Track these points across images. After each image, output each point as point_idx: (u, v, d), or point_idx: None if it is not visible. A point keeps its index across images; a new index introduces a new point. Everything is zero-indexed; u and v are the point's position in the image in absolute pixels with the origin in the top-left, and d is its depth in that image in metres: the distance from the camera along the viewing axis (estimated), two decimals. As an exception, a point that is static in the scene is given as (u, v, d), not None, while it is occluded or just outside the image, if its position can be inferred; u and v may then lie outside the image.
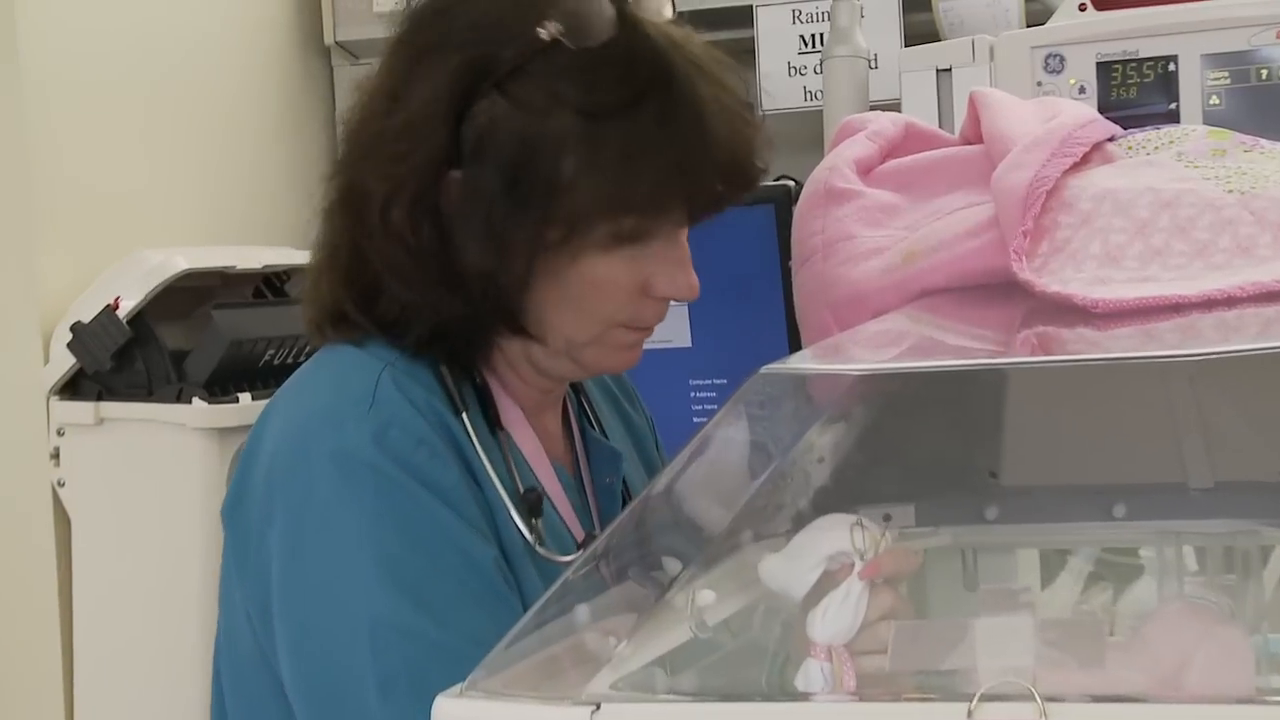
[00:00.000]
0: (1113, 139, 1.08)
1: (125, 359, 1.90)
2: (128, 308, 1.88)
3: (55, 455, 1.93)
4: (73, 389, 1.93)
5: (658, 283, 1.05)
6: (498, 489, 1.03)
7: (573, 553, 1.06)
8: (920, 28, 2.17)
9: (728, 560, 0.83)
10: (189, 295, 1.99)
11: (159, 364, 1.90)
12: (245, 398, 1.89)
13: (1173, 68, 1.65)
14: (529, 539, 1.03)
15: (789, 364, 0.81)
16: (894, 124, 1.19)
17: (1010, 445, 0.96)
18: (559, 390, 1.15)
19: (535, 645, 0.71)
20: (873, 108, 1.74)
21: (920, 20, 2.17)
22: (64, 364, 1.90)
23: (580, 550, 1.07)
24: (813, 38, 2.25)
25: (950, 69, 1.74)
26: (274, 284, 2.08)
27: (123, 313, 1.87)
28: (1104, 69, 1.68)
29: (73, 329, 1.89)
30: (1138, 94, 1.66)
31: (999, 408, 0.93)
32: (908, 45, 2.10)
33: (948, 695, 0.64)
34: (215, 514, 1.08)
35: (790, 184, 1.82)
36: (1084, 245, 0.95)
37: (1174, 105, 1.65)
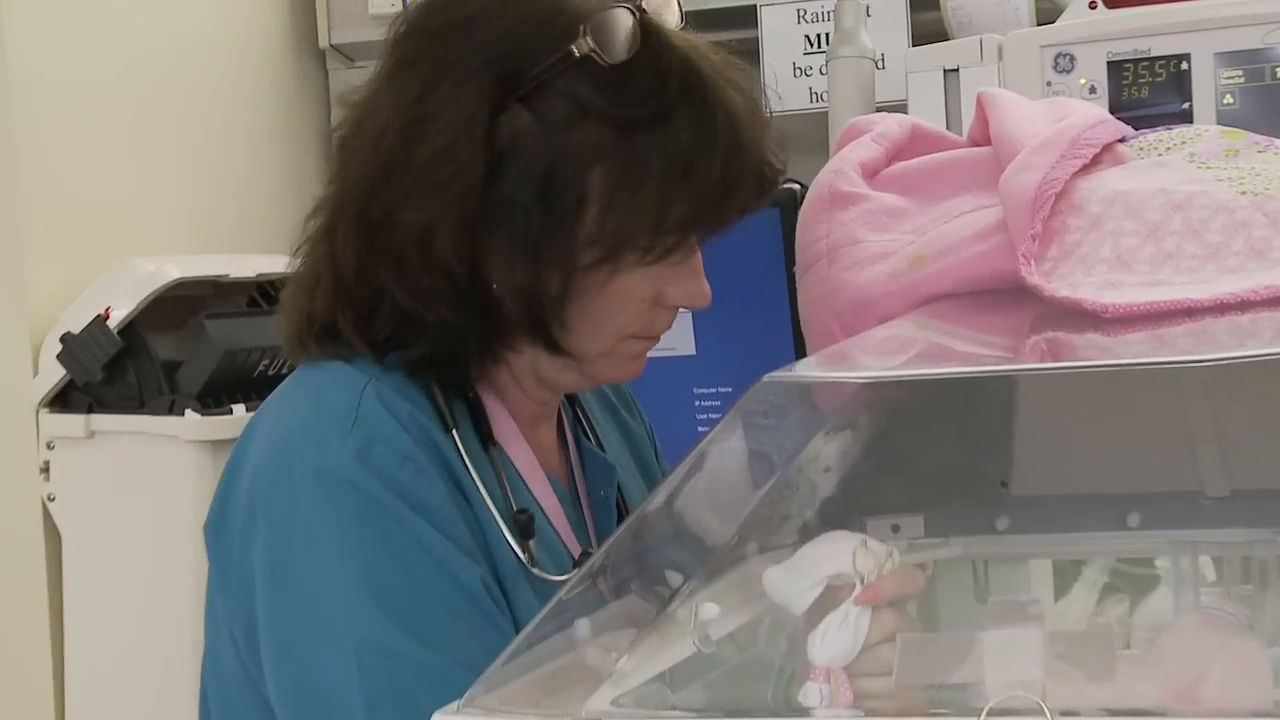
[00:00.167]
0: (1124, 140, 1.08)
1: (116, 370, 1.90)
2: (119, 318, 1.88)
3: (45, 469, 1.93)
4: (63, 401, 1.94)
5: (672, 292, 1.06)
6: (489, 507, 1.03)
7: (569, 570, 1.06)
8: (928, 26, 2.17)
9: (731, 573, 0.83)
10: (181, 305, 1.99)
11: (151, 375, 1.91)
12: (239, 409, 1.89)
13: (1185, 66, 1.65)
14: (522, 560, 1.03)
15: (792, 372, 0.81)
16: (900, 126, 1.19)
17: (1021, 454, 0.96)
18: (555, 401, 1.15)
19: (534, 661, 0.71)
20: (879, 109, 1.74)
21: (928, 19, 2.17)
22: (54, 376, 1.91)
23: (576, 568, 1.07)
24: (818, 38, 2.25)
25: (958, 69, 1.74)
26: (268, 293, 2.09)
27: (113, 323, 1.88)
28: (1115, 68, 1.68)
29: (62, 340, 1.89)
30: (1149, 94, 1.66)
31: (1009, 415, 0.93)
32: (915, 44, 2.11)
33: (955, 709, 0.64)
34: (207, 530, 1.09)
35: (796, 187, 1.81)
36: (1094, 249, 0.95)
37: (1187, 105, 1.65)
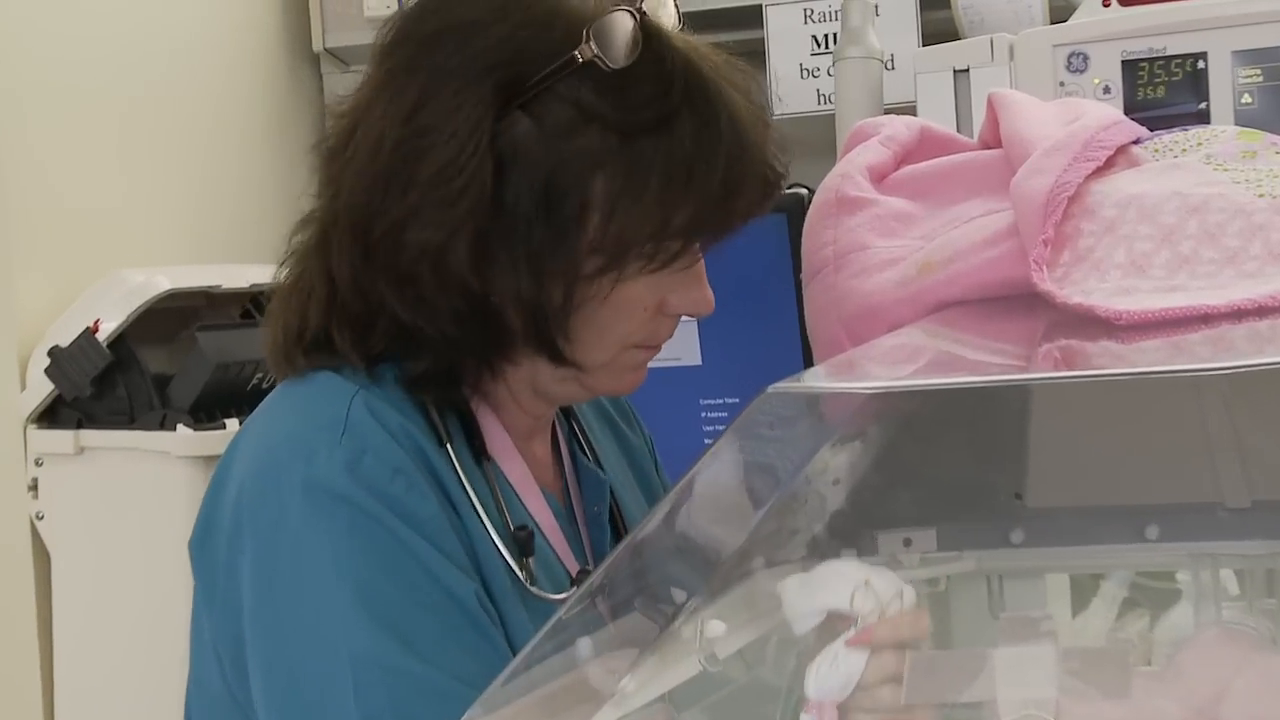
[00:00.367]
0: (1138, 141, 1.08)
1: (106, 384, 1.91)
2: (108, 330, 1.89)
3: (33, 486, 1.94)
4: (51, 417, 1.94)
5: (675, 300, 1.06)
6: (483, 523, 1.03)
7: (566, 588, 1.07)
8: (939, 25, 2.18)
9: (737, 589, 0.83)
10: (172, 317, 2.00)
11: (141, 389, 1.91)
12: (232, 424, 1.89)
13: (1202, 65, 1.65)
14: (520, 578, 1.03)
15: (797, 382, 0.81)
16: (909, 128, 1.19)
17: (1035, 465, 0.96)
18: (550, 414, 1.15)
19: (535, 681, 0.72)
20: (888, 111, 1.74)
21: (939, 18, 2.18)
22: (42, 390, 1.91)
23: (574, 586, 1.07)
24: (825, 38, 2.26)
25: (968, 69, 1.74)
26: (262, 304, 2.08)
27: (103, 336, 1.88)
28: (1129, 67, 1.68)
29: (50, 353, 1.90)
30: (1165, 93, 1.67)
31: (1022, 426, 0.94)
32: (926, 44, 2.11)
33: (967, 730, 0.64)
34: (200, 547, 1.09)
35: (803, 192, 1.82)
36: (1108, 254, 0.95)
37: (1204, 105, 1.65)
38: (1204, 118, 1.64)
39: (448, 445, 1.04)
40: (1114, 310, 0.88)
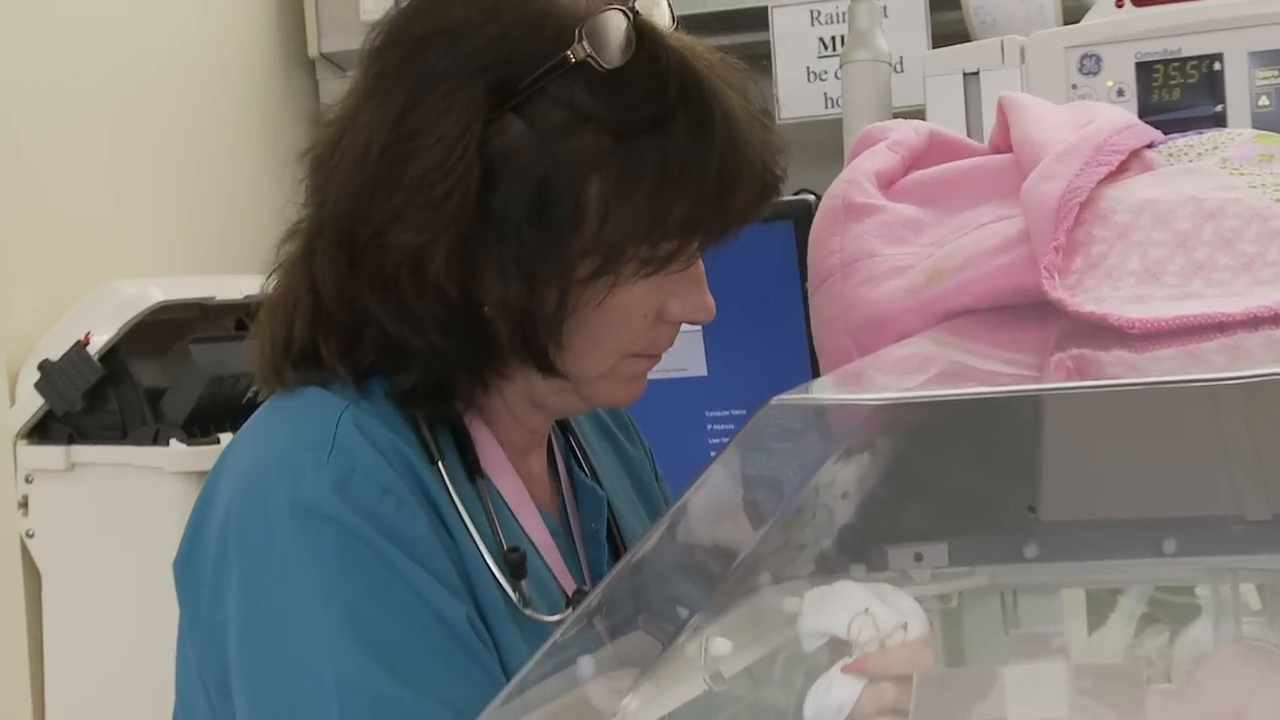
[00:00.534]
0: (1152, 145, 1.08)
1: (97, 399, 1.92)
2: (99, 343, 1.89)
3: (23, 504, 1.94)
4: (41, 432, 1.95)
5: (675, 306, 1.06)
6: (476, 543, 1.02)
7: (561, 609, 1.06)
8: (949, 27, 2.18)
9: (744, 606, 0.83)
10: (165, 329, 2.00)
11: (134, 404, 1.92)
12: (227, 438, 1.89)
13: (1218, 67, 1.65)
14: (514, 599, 1.03)
15: (803, 393, 0.81)
16: (917, 133, 1.19)
17: (1049, 477, 0.96)
18: (547, 428, 1.15)
19: (531, 703, 0.72)
20: (896, 115, 1.75)
21: (949, 19, 2.18)
22: (31, 405, 1.92)
23: (569, 608, 1.07)
24: (833, 40, 2.26)
25: (978, 72, 1.75)
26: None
27: (94, 349, 1.89)
28: (1144, 70, 1.69)
29: (40, 367, 1.90)
30: (1181, 96, 1.67)
31: (1035, 437, 0.94)
32: (936, 46, 2.11)
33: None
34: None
35: (811, 198, 1.83)
36: (1121, 260, 0.95)
37: (1220, 107, 1.65)
38: (1220, 121, 1.64)
39: (439, 463, 1.03)
40: (1127, 319, 0.88)
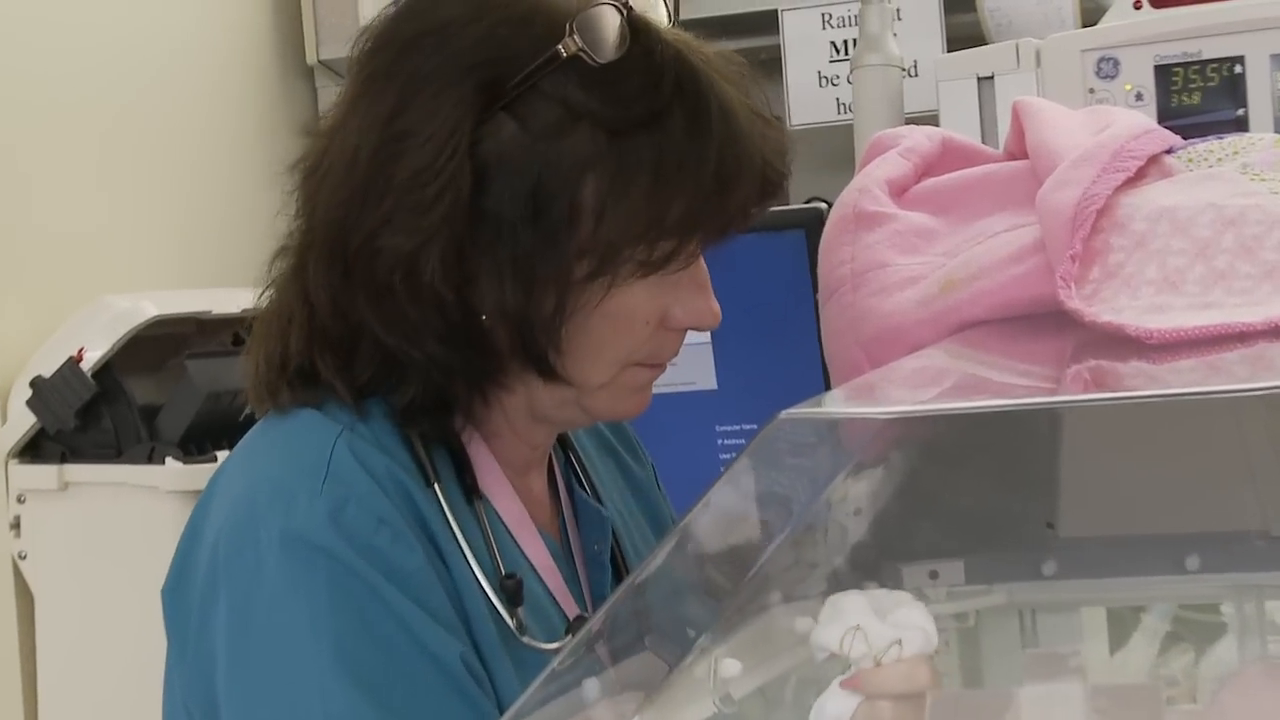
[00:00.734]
0: (1171, 151, 1.09)
1: (91, 416, 1.92)
2: (93, 359, 1.89)
3: (15, 525, 1.95)
4: (33, 451, 1.95)
5: (678, 312, 1.05)
6: (472, 569, 1.02)
7: (561, 636, 1.06)
8: (964, 30, 2.19)
9: (753, 625, 0.83)
10: (160, 344, 2.00)
11: (128, 421, 1.92)
12: (224, 456, 1.89)
13: (1239, 69, 1.66)
14: (510, 626, 1.02)
15: (813, 407, 0.81)
16: (930, 139, 1.20)
17: (1067, 492, 0.96)
18: (548, 445, 1.15)
19: (538, 726, 0.72)
20: (909, 121, 1.75)
21: (964, 22, 2.19)
22: (23, 423, 1.92)
23: (568, 634, 1.06)
24: (845, 44, 2.27)
25: (992, 76, 1.75)
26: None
27: (87, 365, 1.89)
28: (1163, 73, 1.69)
29: (32, 384, 1.91)
30: (1201, 100, 1.67)
31: (1053, 451, 0.94)
32: (951, 49, 2.12)
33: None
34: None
35: (823, 206, 1.83)
36: (1139, 269, 0.96)
37: (1241, 111, 1.65)
38: (1242, 125, 1.64)
39: (435, 485, 1.03)
40: (1145, 329, 0.89)
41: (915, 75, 2.12)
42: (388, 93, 1.02)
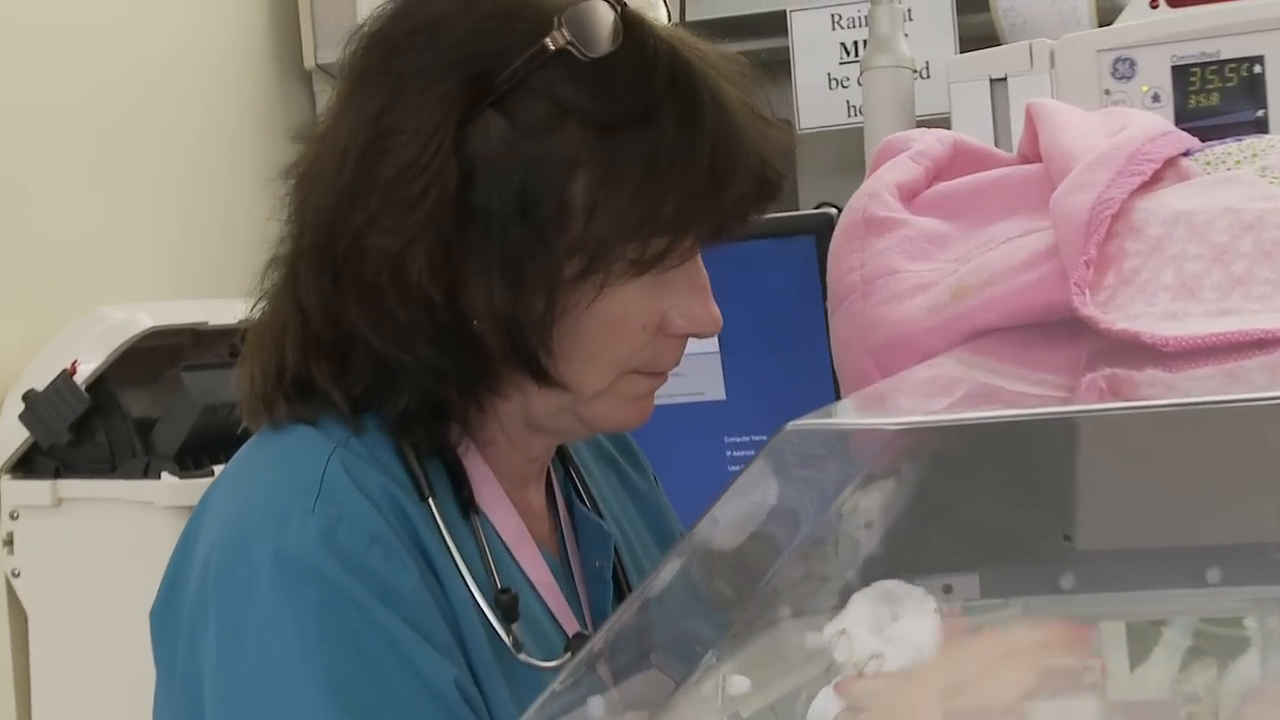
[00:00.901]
0: (1188, 153, 1.09)
1: (85, 430, 1.92)
2: (87, 372, 1.90)
3: (8, 541, 1.95)
4: (26, 466, 1.96)
5: (675, 316, 1.05)
6: (469, 586, 1.02)
7: (560, 654, 1.06)
8: (977, 30, 2.19)
9: (762, 641, 0.83)
10: (156, 356, 2.01)
11: (123, 435, 1.92)
12: (220, 471, 1.90)
13: (1259, 70, 1.65)
14: (506, 643, 1.02)
15: (822, 417, 0.82)
16: (941, 143, 1.20)
17: (1084, 504, 0.96)
18: (547, 458, 1.15)
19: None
20: (920, 123, 1.76)
21: (977, 22, 2.19)
22: (16, 437, 1.93)
23: (568, 653, 1.06)
24: (855, 45, 2.27)
25: (1005, 78, 1.75)
26: (251, 341, 2.10)
27: (81, 378, 1.90)
28: (1180, 73, 1.69)
29: (25, 398, 1.91)
30: (1220, 101, 1.67)
31: (1069, 462, 0.94)
32: (964, 49, 2.12)
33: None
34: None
35: (833, 211, 1.83)
36: (1155, 275, 0.96)
37: (1261, 113, 1.65)
38: (1261, 126, 1.64)
39: (430, 499, 1.03)
40: (1161, 336, 0.89)
41: (927, 77, 2.12)
42: (377, 91, 1.02)
